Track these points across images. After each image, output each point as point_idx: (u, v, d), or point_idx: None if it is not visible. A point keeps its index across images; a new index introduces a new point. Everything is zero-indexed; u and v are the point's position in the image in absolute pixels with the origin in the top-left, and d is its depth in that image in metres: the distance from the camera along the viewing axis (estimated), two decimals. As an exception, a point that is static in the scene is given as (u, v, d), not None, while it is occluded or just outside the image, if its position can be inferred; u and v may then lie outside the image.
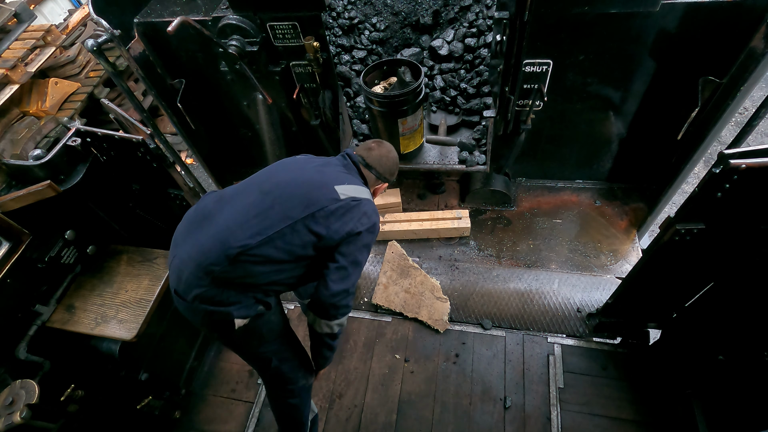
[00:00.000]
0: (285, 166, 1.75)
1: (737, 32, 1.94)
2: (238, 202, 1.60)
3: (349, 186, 1.66)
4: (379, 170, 1.83)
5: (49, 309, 2.14)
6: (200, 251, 1.50)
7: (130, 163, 2.07)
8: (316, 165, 1.73)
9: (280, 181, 1.64)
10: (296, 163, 1.75)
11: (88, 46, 2.21)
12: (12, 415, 1.66)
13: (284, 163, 1.79)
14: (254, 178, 1.72)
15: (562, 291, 2.64)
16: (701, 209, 1.62)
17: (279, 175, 1.68)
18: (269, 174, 1.71)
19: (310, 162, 1.75)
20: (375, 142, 1.89)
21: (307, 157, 1.82)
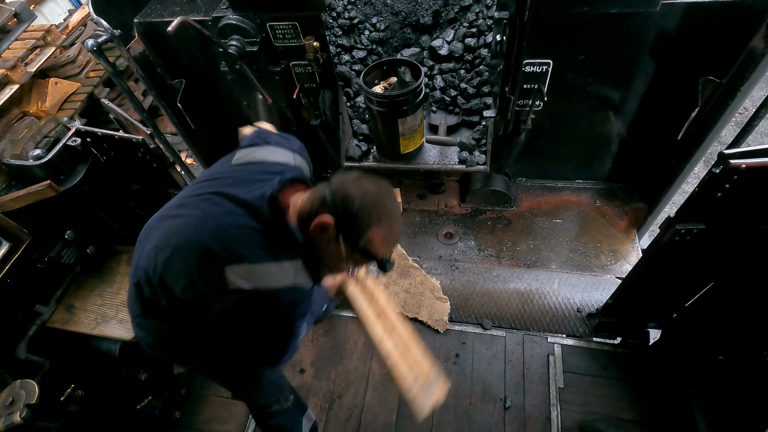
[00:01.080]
0: (202, 194, 1.30)
1: (737, 32, 1.94)
2: (143, 247, 1.35)
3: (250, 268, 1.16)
4: (361, 219, 1.17)
5: (49, 309, 2.14)
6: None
7: (130, 163, 2.08)
8: (228, 210, 1.23)
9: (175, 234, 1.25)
10: (213, 197, 1.27)
11: (88, 46, 2.21)
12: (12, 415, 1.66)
13: (207, 187, 1.33)
14: (174, 203, 1.38)
15: (562, 291, 2.64)
16: (701, 209, 1.62)
17: (180, 221, 1.27)
18: (178, 210, 1.33)
19: (229, 195, 1.26)
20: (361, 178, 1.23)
21: (238, 177, 1.33)
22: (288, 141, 1.55)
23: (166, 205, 1.41)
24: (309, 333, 2.68)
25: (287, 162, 1.41)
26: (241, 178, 1.32)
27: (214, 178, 1.36)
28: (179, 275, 1.23)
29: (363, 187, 1.19)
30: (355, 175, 1.24)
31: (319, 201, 1.20)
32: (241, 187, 1.27)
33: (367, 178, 1.23)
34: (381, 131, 2.78)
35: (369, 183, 1.21)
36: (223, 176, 1.35)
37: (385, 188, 1.24)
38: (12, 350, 1.95)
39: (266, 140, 1.50)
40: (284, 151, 1.46)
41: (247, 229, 1.20)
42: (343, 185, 1.19)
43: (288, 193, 1.29)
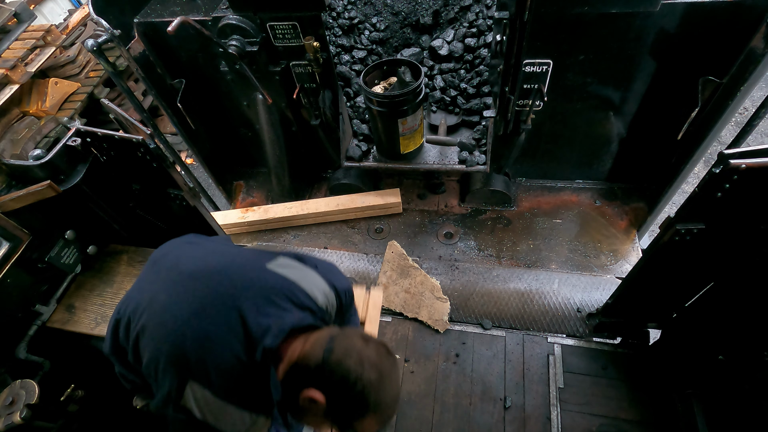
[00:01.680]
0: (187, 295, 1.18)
1: (737, 32, 1.94)
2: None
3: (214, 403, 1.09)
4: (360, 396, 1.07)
5: (49, 309, 2.14)
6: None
7: (130, 163, 2.07)
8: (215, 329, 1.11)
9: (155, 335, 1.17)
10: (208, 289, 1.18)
11: (88, 46, 2.21)
12: (12, 415, 1.66)
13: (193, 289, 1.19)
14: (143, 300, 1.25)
15: (562, 291, 2.64)
16: (701, 209, 1.62)
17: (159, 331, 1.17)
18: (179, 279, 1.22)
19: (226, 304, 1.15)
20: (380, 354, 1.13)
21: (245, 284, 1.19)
22: (334, 273, 1.41)
23: (179, 260, 1.29)
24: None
25: (316, 297, 1.25)
26: (263, 292, 1.18)
27: (236, 267, 1.24)
28: (149, 352, 1.15)
29: (365, 370, 1.06)
30: (360, 349, 1.09)
31: (315, 365, 1.07)
32: (257, 304, 1.15)
33: (372, 350, 1.11)
34: (381, 131, 2.78)
35: (371, 367, 1.07)
36: (248, 272, 1.23)
37: (389, 368, 1.12)
38: (12, 350, 1.95)
39: (316, 265, 1.37)
40: (323, 282, 1.31)
41: (232, 358, 1.09)
42: (344, 359, 1.06)
43: (290, 342, 1.15)
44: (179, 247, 1.40)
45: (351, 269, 2.91)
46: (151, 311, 1.19)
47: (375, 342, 1.14)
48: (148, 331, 1.17)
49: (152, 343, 1.15)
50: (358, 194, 3.19)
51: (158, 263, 1.34)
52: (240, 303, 1.14)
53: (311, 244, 3.15)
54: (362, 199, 3.15)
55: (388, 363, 1.13)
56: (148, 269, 1.36)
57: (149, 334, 1.17)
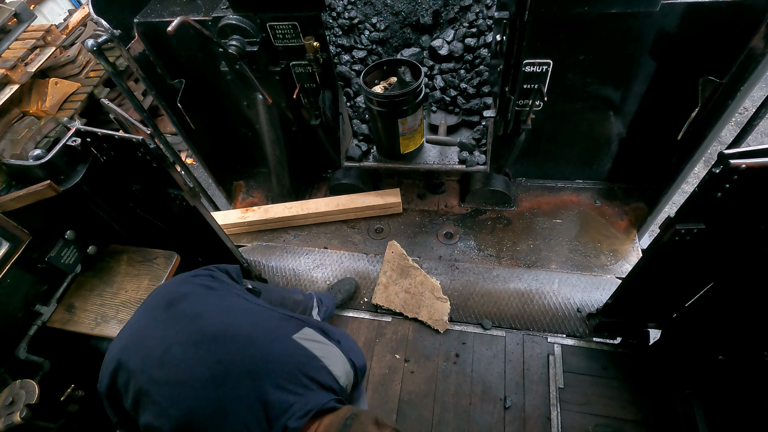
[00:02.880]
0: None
1: (737, 32, 1.94)
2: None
3: None
4: None
5: (49, 309, 2.14)
6: None
7: (130, 163, 2.07)
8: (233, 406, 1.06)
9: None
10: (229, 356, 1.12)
11: (88, 46, 2.21)
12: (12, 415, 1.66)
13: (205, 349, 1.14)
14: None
15: (562, 291, 2.64)
16: (701, 209, 1.62)
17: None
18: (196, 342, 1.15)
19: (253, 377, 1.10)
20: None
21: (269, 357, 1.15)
22: (355, 350, 1.36)
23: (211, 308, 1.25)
24: (309, 333, 2.68)
25: (339, 377, 1.21)
26: (288, 367, 1.13)
27: (267, 340, 1.18)
28: (153, 413, 1.09)
29: None
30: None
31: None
32: (281, 380, 1.10)
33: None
34: (381, 131, 2.78)
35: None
36: (276, 346, 1.18)
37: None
38: (12, 350, 1.95)
39: (339, 340, 1.32)
40: (346, 361, 1.27)
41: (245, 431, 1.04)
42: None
43: (310, 424, 1.09)
44: (198, 295, 1.30)
45: (351, 269, 2.91)
46: (162, 366, 1.11)
47: (389, 428, 1.06)
48: (155, 389, 1.10)
49: (159, 404, 1.08)
50: (358, 194, 3.19)
51: (174, 307, 1.24)
52: (263, 376, 1.09)
53: (311, 243, 3.15)
54: (362, 199, 3.15)
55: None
56: (162, 310, 1.25)
57: (157, 392, 1.09)
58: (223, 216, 3.25)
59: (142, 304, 1.33)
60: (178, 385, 1.08)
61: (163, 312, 1.25)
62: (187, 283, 1.37)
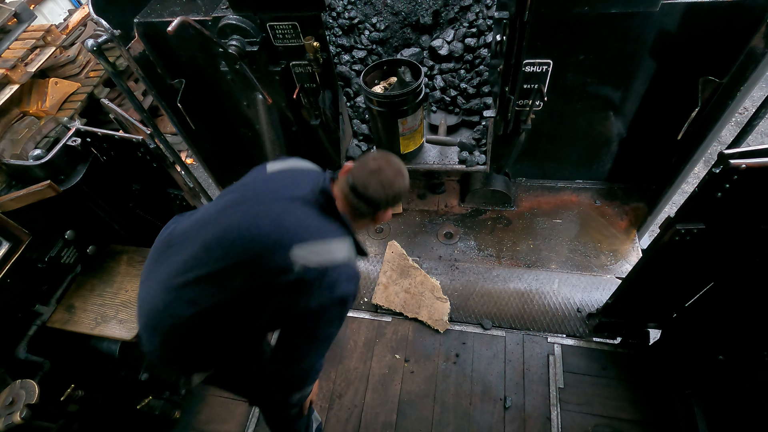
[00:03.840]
0: (246, 199, 1.43)
1: (737, 32, 1.94)
2: (181, 252, 1.38)
3: (314, 245, 1.31)
4: (377, 198, 1.40)
5: (49, 309, 2.14)
6: (148, 307, 1.39)
7: (130, 163, 2.07)
8: (281, 207, 1.37)
9: (229, 230, 1.33)
10: (257, 200, 1.41)
11: (88, 46, 2.21)
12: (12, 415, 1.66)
13: (248, 192, 1.47)
14: (210, 212, 1.45)
15: (562, 291, 2.64)
16: (701, 209, 1.62)
17: (231, 220, 1.36)
18: (224, 212, 1.40)
19: (274, 200, 1.40)
20: (377, 160, 1.44)
21: (278, 183, 1.48)
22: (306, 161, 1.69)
23: (199, 214, 1.48)
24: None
25: (317, 169, 1.55)
26: (283, 182, 1.48)
27: (255, 187, 1.49)
28: (238, 272, 1.29)
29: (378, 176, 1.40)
30: (370, 166, 1.42)
31: (350, 186, 1.41)
32: (288, 186, 1.44)
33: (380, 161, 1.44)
34: (381, 131, 2.78)
35: (378, 157, 1.45)
36: (266, 183, 1.50)
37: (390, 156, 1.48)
38: (12, 350, 1.95)
39: (291, 159, 1.64)
40: (309, 163, 1.61)
41: (305, 216, 1.37)
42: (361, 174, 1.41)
43: (333, 186, 1.46)
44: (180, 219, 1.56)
45: (351, 269, 2.91)
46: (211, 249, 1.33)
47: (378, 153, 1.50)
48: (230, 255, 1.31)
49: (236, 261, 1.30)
50: None
51: (173, 234, 1.48)
52: (280, 193, 1.42)
53: (311, 244, 3.14)
54: None
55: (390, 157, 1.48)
56: (163, 246, 1.47)
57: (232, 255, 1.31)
58: None
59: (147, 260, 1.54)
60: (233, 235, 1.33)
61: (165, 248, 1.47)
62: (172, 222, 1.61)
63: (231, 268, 1.30)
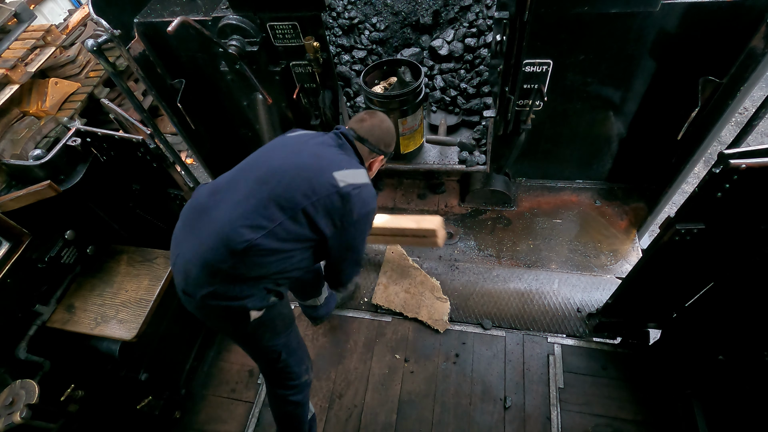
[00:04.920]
0: (278, 148, 1.70)
1: (737, 32, 1.94)
2: (234, 193, 1.56)
3: (347, 171, 1.61)
4: (373, 142, 1.78)
5: (49, 309, 2.14)
6: (204, 249, 1.49)
7: (130, 163, 2.07)
8: (312, 147, 1.67)
9: (275, 167, 1.59)
10: (289, 146, 1.69)
11: (88, 46, 2.21)
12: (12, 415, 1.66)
13: (277, 144, 1.74)
14: (247, 163, 1.69)
15: (562, 291, 2.64)
16: (701, 209, 1.62)
17: (274, 160, 1.63)
18: (263, 158, 1.67)
19: (304, 143, 1.70)
20: (367, 113, 1.84)
21: (300, 136, 1.77)
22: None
23: (238, 167, 1.71)
24: (309, 333, 2.68)
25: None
26: (305, 136, 1.75)
27: (281, 141, 1.75)
28: (296, 189, 1.53)
29: (374, 124, 1.80)
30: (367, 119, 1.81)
31: (355, 137, 1.79)
32: (311, 138, 1.73)
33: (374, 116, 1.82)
34: (381, 131, 2.77)
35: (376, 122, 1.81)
36: (290, 139, 1.75)
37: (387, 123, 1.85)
38: (12, 350, 1.95)
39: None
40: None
41: (335, 152, 1.68)
42: (362, 127, 1.79)
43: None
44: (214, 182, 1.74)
45: (351, 269, 2.91)
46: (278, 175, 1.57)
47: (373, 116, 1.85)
48: (291, 182, 1.54)
49: (298, 182, 1.55)
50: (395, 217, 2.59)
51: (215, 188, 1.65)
52: (307, 142, 1.72)
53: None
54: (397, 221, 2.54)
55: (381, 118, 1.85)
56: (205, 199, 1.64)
57: (292, 181, 1.54)
58: None
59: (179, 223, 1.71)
60: (283, 169, 1.58)
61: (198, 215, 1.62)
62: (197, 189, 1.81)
63: (286, 192, 1.52)
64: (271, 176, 1.56)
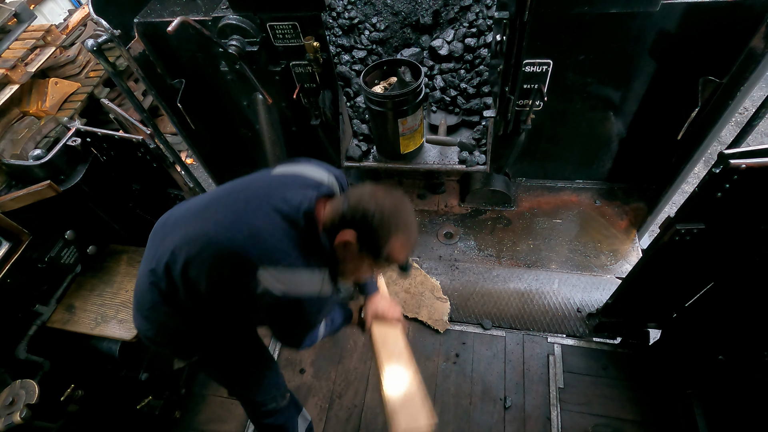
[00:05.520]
0: (235, 198, 1.37)
1: (737, 32, 1.94)
2: (167, 239, 1.37)
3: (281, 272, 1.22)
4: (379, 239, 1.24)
5: (49, 309, 2.14)
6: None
7: (130, 163, 2.07)
8: (264, 216, 1.27)
9: (206, 231, 1.29)
10: (248, 199, 1.34)
11: (88, 46, 2.21)
12: (12, 415, 1.66)
13: (239, 191, 1.40)
14: (203, 201, 1.42)
15: (562, 291, 2.64)
16: (701, 209, 1.62)
17: (215, 217, 1.32)
18: (212, 208, 1.36)
19: (265, 202, 1.30)
20: (378, 188, 1.30)
21: (276, 187, 1.38)
22: (325, 164, 1.56)
23: (193, 202, 1.45)
24: (309, 333, 2.67)
25: (322, 179, 1.44)
26: (279, 187, 1.38)
27: (250, 185, 1.42)
28: (207, 273, 1.29)
29: (379, 203, 1.24)
30: (370, 189, 1.29)
31: (340, 216, 1.26)
32: (278, 195, 1.32)
33: (381, 190, 1.29)
34: (381, 131, 2.78)
35: (384, 197, 1.26)
36: (261, 184, 1.42)
37: (399, 199, 1.30)
38: (12, 350, 1.95)
39: (308, 161, 1.56)
40: (320, 170, 1.49)
41: (283, 236, 1.25)
42: (360, 202, 1.25)
43: (321, 207, 1.33)
44: (180, 205, 1.52)
45: (351, 269, 2.91)
46: (191, 247, 1.29)
47: (382, 185, 1.33)
48: (198, 260, 1.28)
49: (208, 264, 1.28)
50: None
51: (168, 220, 1.45)
52: (268, 200, 1.31)
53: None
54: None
55: (397, 194, 1.30)
56: (159, 229, 1.45)
57: (200, 261, 1.28)
58: None
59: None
60: (211, 243, 1.28)
61: (161, 230, 1.45)
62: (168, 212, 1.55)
63: (205, 271, 1.29)
64: (194, 241, 1.30)
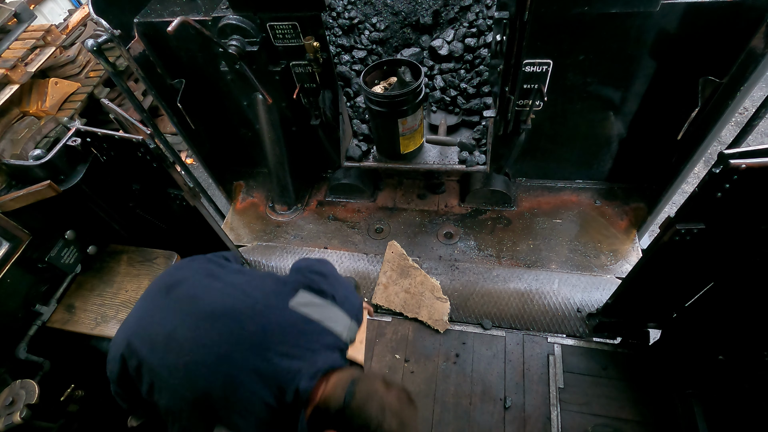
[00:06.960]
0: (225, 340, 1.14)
1: (737, 32, 1.94)
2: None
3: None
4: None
5: (49, 309, 2.14)
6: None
7: (130, 163, 2.07)
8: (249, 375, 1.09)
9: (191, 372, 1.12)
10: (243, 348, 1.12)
11: (88, 46, 2.21)
12: (12, 415, 1.66)
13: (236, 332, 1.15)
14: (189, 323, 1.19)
15: (562, 291, 2.64)
16: (701, 209, 1.62)
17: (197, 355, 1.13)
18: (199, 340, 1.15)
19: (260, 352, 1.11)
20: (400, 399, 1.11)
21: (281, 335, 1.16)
22: (350, 299, 1.35)
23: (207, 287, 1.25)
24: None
25: (341, 334, 1.24)
26: (290, 336, 1.16)
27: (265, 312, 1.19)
28: (169, 397, 1.14)
29: (386, 418, 1.04)
30: (383, 394, 1.07)
31: (337, 409, 1.06)
32: (286, 348, 1.12)
33: (394, 397, 1.09)
34: (381, 131, 2.78)
35: (392, 416, 1.05)
36: (275, 318, 1.19)
37: (410, 418, 1.09)
38: (12, 350, 1.95)
39: (334, 294, 1.30)
40: (344, 316, 1.28)
41: (260, 404, 1.08)
42: (366, 405, 1.05)
43: (322, 382, 1.14)
44: (195, 278, 1.30)
45: (351, 269, 2.91)
46: (169, 351, 1.13)
47: (397, 388, 1.10)
48: (167, 373, 1.12)
49: (173, 387, 1.12)
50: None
51: (173, 291, 1.25)
52: (267, 348, 1.10)
53: (311, 243, 3.15)
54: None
55: (409, 412, 1.09)
56: (162, 296, 1.27)
57: (169, 376, 1.12)
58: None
59: (144, 293, 1.35)
60: (186, 368, 1.10)
61: (163, 298, 1.27)
62: (183, 268, 1.38)
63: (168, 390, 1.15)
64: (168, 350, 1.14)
